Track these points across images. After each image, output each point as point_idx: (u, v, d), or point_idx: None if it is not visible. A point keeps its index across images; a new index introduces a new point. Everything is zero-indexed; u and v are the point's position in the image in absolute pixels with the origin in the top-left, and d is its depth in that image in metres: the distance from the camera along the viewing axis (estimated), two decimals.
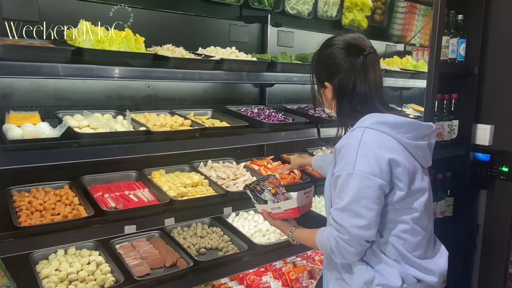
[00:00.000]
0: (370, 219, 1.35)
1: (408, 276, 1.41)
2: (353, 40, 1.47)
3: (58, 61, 1.61)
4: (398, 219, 1.41)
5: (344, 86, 1.46)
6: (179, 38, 2.35)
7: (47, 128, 1.69)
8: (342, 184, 1.37)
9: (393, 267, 1.41)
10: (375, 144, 1.36)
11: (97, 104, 2.21)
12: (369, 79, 1.44)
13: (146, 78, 1.89)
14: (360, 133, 1.38)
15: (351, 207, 1.35)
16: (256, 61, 2.28)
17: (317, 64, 1.56)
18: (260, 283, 2.61)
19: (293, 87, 3.06)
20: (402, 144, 1.40)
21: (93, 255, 1.97)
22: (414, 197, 1.41)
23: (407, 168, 1.38)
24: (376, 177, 1.33)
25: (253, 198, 1.71)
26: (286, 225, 1.66)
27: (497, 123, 2.72)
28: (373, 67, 1.46)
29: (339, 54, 1.46)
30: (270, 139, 2.35)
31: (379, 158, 1.34)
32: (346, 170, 1.36)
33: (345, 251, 1.39)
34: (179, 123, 2.10)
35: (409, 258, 1.42)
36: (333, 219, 1.40)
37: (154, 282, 1.82)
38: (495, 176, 2.69)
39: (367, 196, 1.33)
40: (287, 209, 1.63)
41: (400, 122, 1.41)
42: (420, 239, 1.44)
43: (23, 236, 1.57)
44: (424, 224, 1.46)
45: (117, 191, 2.02)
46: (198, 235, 2.31)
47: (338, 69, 1.46)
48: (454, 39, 2.67)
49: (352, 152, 1.36)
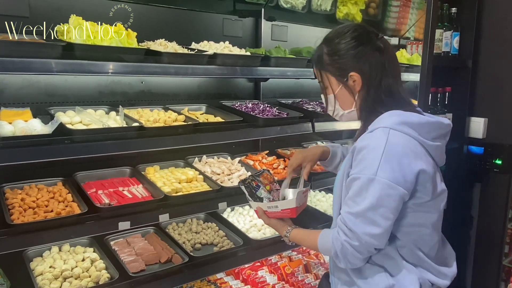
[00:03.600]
0: (385, 229, 1.27)
1: (425, 281, 1.36)
2: (361, 27, 1.39)
3: (49, 56, 1.59)
4: (418, 223, 1.34)
5: (373, 73, 1.34)
6: (172, 32, 2.34)
7: (38, 124, 1.68)
8: (360, 188, 1.27)
9: (412, 272, 1.35)
10: (401, 150, 1.25)
11: (90, 100, 2.20)
12: (392, 65, 1.36)
13: (139, 73, 1.87)
14: (384, 135, 1.26)
15: (367, 214, 1.26)
16: (249, 56, 2.26)
17: (331, 57, 1.39)
18: (256, 277, 2.62)
19: (287, 82, 3.05)
20: (424, 146, 1.31)
21: (88, 252, 1.97)
22: (436, 201, 1.35)
23: (432, 174, 1.30)
24: (400, 186, 1.24)
25: (247, 195, 1.62)
26: (282, 224, 1.57)
27: (491, 116, 2.73)
28: (392, 51, 1.38)
29: (359, 39, 1.35)
30: (264, 134, 2.34)
31: (405, 166, 1.24)
32: (366, 174, 1.25)
33: (352, 257, 1.31)
34: (173, 118, 2.09)
35: (426, 262, 1.37)
36: (343, 222, 1.31)
37: (149, 278, 1.81)
38: (489, 169, 2.70)
39: (386, 205, 1.24)
40: (285, 208, 1.55)
41: (423, 122, 1.31)
42: (436, 242, 1.40)
43: (16, 233, 1.56)
44: (440, 226, 1.42)
45: (111, 187, 2.01)
46: (193, 230, 2.31)
47: (365, 55, 1.34)
48: (447, 32, 2.67)
49: (375, 156, 1.24)
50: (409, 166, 1.25)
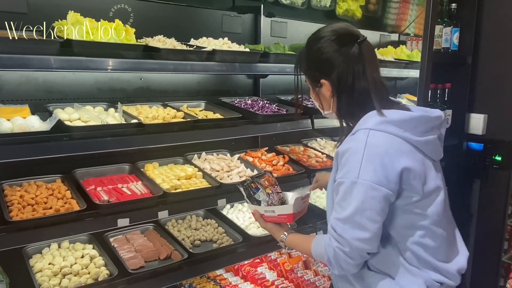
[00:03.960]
0: (374, 232, 1.25)
1: (432, 283, 1.32)
2: (342, 29, 1.36)
3: (47, 53, 1.58)
4: (415, 225, 1.31)
5: (343, 80, 1.34)
6: (170, 29, 2.32)
7: (37, 121, 1.67)
8: (344, 193, 1.26)
9: (416, 275, 1.31)
10: (382, 150, 1.24)
11: (89, 97, 2.19)
12: (367, 70, 1.33)
13: (137, 70, 1.87)
14: (364, 136, 1.26)
15: (354, 218, 1.24)
16: (249, 52, 2.26)
17: (308, 62, 1.43)
18: (255, 274, 2.62)
19: (287, 78, 3.04)
20: (410, 143, 1.29)
21: (87, 249, 1.97)
22: (429, 199, 1.31)
23: (419, 171, 1.27)
24: (383, 187, 1.22)
25: (245, 197, 1.61)
26: (278, 229, 1.55)
27: (491, 112, 2.72)
28: (370, 55, 1.36)
29: (332, 46, 1.34)
30: (264, 130, 2.34)
31: (387, 166, 1.23)
32: (349, 177, 1.25)
33: (345, 263, 1.29)
34: (172, 115, 2.09)
35: (431, 262, 1.33)
36: (333, 229, 1.30)
37: (148, 274, 1.82)
38: (488, 165, 2.70)
39: (371, 208, 1.23)
40: (282, 214, 1.53)
41: (406, 118, 1.29)
42: (441, 241, 1.34)
43: (15, 230, 1.57)
44: (443, 224, 1.35)
45: (110, 184, 2.00)
46: (193, 227, 2.31)
47: (334, 62, 1.33)
48: (447, 28, 2.66)
49: (356, 158, 1.24)
50: (392, 166, 1.23)
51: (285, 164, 2.53)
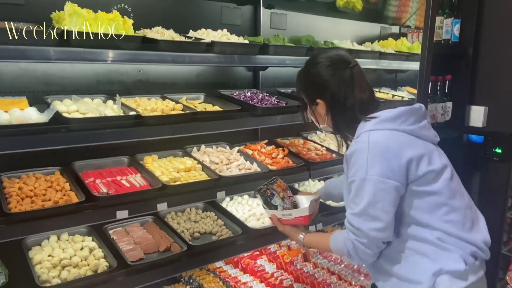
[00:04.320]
0: (387, 221, 1.39)
1: (467, 256, 1.42)
2: (337, 56, 1.54)
3: (45, 44, 1.57)
4: (437, 203, 1.42)
5: (336, 100, 1.51)
6: (169, 20, 2.31)
7: (34, 113, 1.67)
8: (356, 190, 1.42)
9: (452, 251, 1.42)
10: (383, 147, 1.39)
11: (87, 89, 2.18)
12: (355, 91, 1.49)
13: (135, 61, 1.86)
14: (366, 137, 1.42)
15: (368, 211, 1.39)
16: (248, 44, 2.24)
17: (306, 83, 1.61)
18: (255, 266, 2.63)
19: (286, 71, 3.03)
20: (408, 133, 1.44)
21: (86, 241, 1.97)
22: (440, 177, 1.43)
23: (423, 155, 1.41)
24: (390, 180, 1.36)
25: (263, 203, 1.74)
26: (295, 231, 1.73)
27: (491, 105, 2.71)
28: (360, 78, 1.52)
29: (326, 71, 1.51)
30: (263, 123, 2.33)
31: (391, 160, 1.37)
32: (359, 175, 1.40)
33: (363, 254, 1.44)
34: (170, 107, 2.08)
35: (460, 236, 1.43)
36: (350, 223, 1.45)
37: (147, 266, 1.82)
38: (489, 158, 2.69)
39: (382, 200, 1.37)
40: (298, 216, 1.69)
41: (397, 113, 1.45)
42: (464, 215, 1.46)
43: (14, 222, 1.57)
44: (462, 199, 1.48)
45: (109, 176, 2.00)
46: (192, 219, 2.31)
47: (328, 85, 1.51)
48: (448, 19, 2.64)
49: (362, 157, 1.39)
50: (395, 159, 1.38)
51: (284, 157, 2.53)
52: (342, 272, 2.65)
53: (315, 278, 2.54)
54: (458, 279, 1.40)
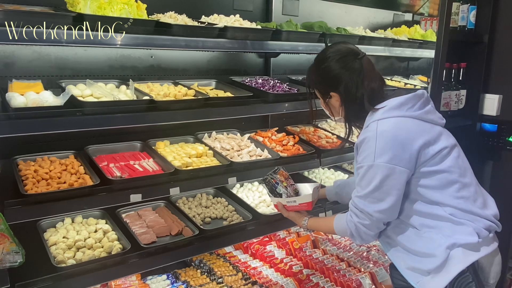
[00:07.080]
0: (391, 203, 1.46)
1: (480, 230, 1.46)
2: (345, 48, 1.58)
3: (59, 26, 1.57)
4: (449, 180, 1.46)
5: (349, 91, 1.56)
6: (181, 5, 2.30)
7: (50, 96, 1.68)
8: (363, 175, 1.48)
9: (465, 224, 1.46)
10: (391, 135, 1.44)
11: (100, 74, 2.19)
12: (365, 81, 1.54)
13: (149, 46, 1.86)
14: (375, 126, 1.48)
15: (373, 194, 1.46)
16: (260, 29, 2.23)
17: (317, 78, 1.65)
18: (264, 252, 2.65)
19: (297, 58, 3.01)
20: (415, 118, 1.49)
21: (100, 224, 2.00)
22: (449, 155, 1.48)
23: (431, 137, 1.46)
24: (396, 166, 1.42)
25: (268, 191, 1.82)
26: (299, 216, 1.82)
27: (506, 93, 2.67)
28: (370, 68, 1.56)
29: (338, 64, 1.56)
30: (274, 109, 2.33)
31: (399, 148, 1.42)
32: (367, 162, 1.46)
33: (365, 235, 1.53)
34: (183, 93, 2.08)
35: (473, 211, 1.47)
36: (354, 206, 1.53)
37: (160, 249, 1.84)
38: (502, 147, 2.67)
39: (388, 184, 1.44)
40: (302, 203, 1.77)
41: (403, 100, 1.50)
42: (475, 191, 1.51)
43: (30, 203, 1.59)
44: (472, 176, 1.54)
45: (122, 161, 2.02)
46: (203, 205, 2.33)
47: (341, 77, 1.55)
48: (464, 5, 2.59)
49: (371, 145, 1.45)
50: (406, 147, 1.43)
51: (295, 144, 2.53)
52: (351, 258, 2.66)
53: (324, 264, 2.56)
54: (471, 251, 1.44)
